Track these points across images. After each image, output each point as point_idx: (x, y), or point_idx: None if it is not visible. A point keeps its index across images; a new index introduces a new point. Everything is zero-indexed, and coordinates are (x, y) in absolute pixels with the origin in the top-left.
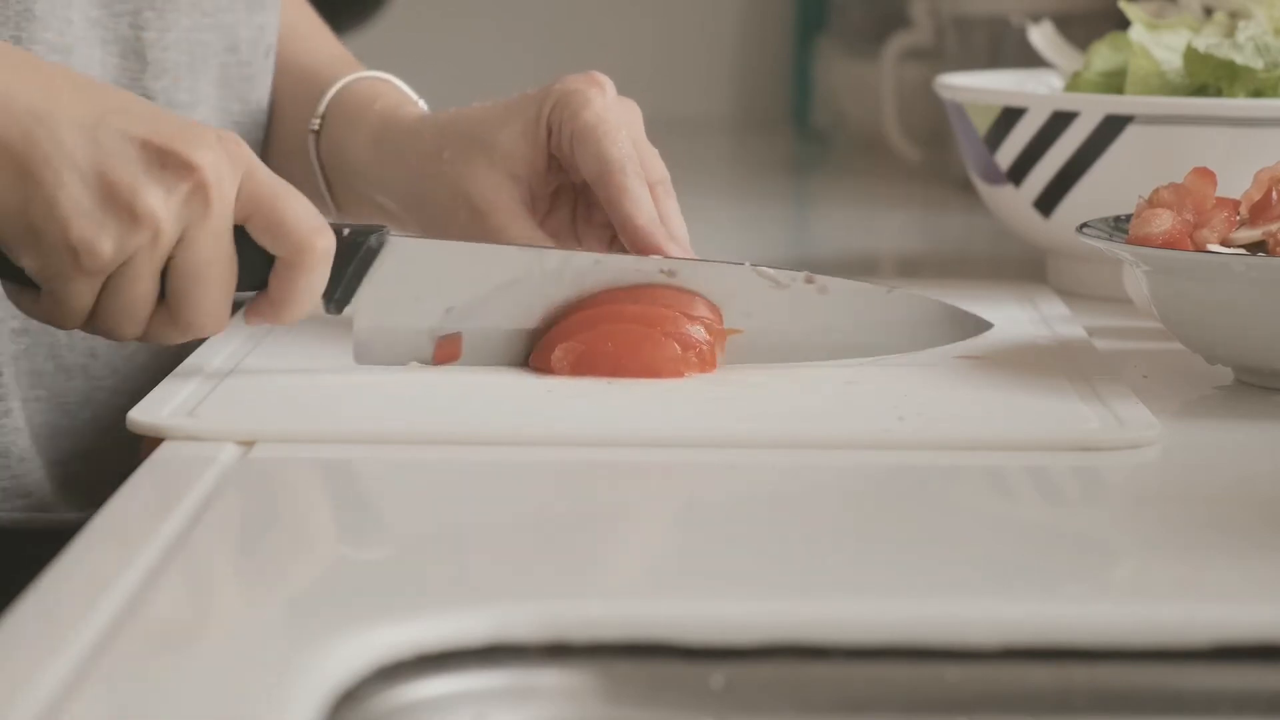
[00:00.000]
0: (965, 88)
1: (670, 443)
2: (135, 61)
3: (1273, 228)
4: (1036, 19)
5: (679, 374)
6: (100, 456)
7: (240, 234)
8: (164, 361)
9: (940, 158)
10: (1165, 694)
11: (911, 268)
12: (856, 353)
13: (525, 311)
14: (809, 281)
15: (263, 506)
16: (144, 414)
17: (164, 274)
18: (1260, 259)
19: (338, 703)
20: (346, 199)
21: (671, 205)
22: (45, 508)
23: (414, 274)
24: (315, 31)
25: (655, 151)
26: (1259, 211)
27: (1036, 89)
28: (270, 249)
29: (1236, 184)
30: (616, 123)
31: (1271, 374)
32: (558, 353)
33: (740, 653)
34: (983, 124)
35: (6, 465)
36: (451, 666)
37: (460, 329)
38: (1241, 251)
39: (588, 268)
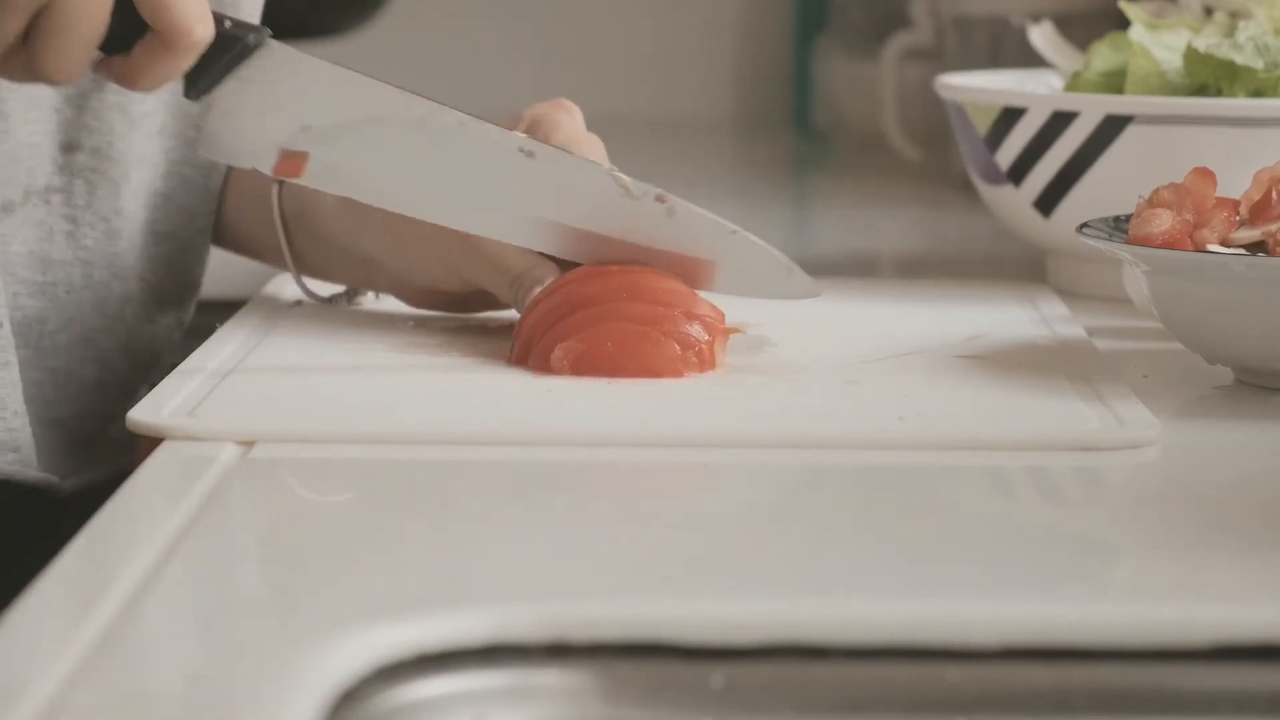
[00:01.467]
0: (965, 88)
1: (670, 443)
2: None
3: (1272, 228)
4: (1036, 19)
5: (679, 374)
6: (86, 421)
7: None
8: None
9: (940, 158)
10: (1165, 694)
11: (911, 268)
12: (690, 280)
13: (385, 153)
14: (660, 200)
15: (263, 506)
16: (144, 414)
17: (35, 16)
18: (1260, 259)
19: (338, 703)
20: (310, 250)
21: None
22: (30, 464)
23: (281, 82)
24: None
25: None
26: (1259, 211)
27: (1036, 89)
28: (148, 21)
29: (1236, 184)
30: (587, 143)
31: (1271, 374)
32: (558, 353)
33: (740, 653)
34: (983, 124)
35: (3, 418)
36: (451, 666)
37: (309, 150)
38: (1241, 251)
39: (450, 127)
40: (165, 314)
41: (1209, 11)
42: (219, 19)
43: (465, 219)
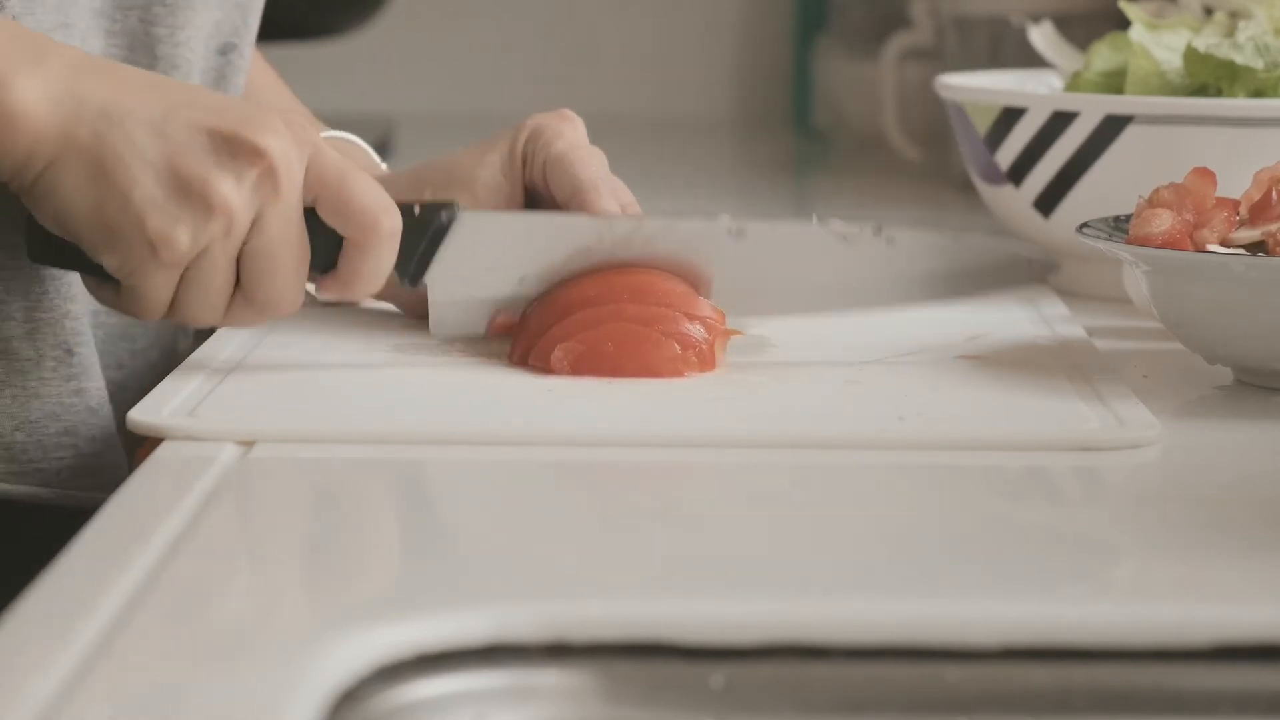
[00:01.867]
0: (965, 88)
1: (670, 443)
2: (144, 56)
3: (1272, 228)
4: (1036, 19)
5: (679, 374)
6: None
7: (310, 215)
8: (162, 357)
9: (940, 158)
10: (1165, 694)
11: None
12: (919, 297)
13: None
14: (876, 233)
15: (263, 506)
16: (144, 414)
17: (239, 259)
18: (1260, 259)
19: (338, 703)
20: None
21: None
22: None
23: (486, 245)
24: (276, 92)
25: (622, 183)
26: (1259, 211)
27: (1036, 89)
28: (337, 228)
29: (1236, 184)
30: (589, 151)
31: (1271, 374)
32: (558, 353)
33: (740, 653)
34: (983, 124)
35: (74, 444)
36: (451, 666)
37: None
38: (1241, 251)
39: (658, 232)
40: None
41: (1209, 11)
42: (408, 206)
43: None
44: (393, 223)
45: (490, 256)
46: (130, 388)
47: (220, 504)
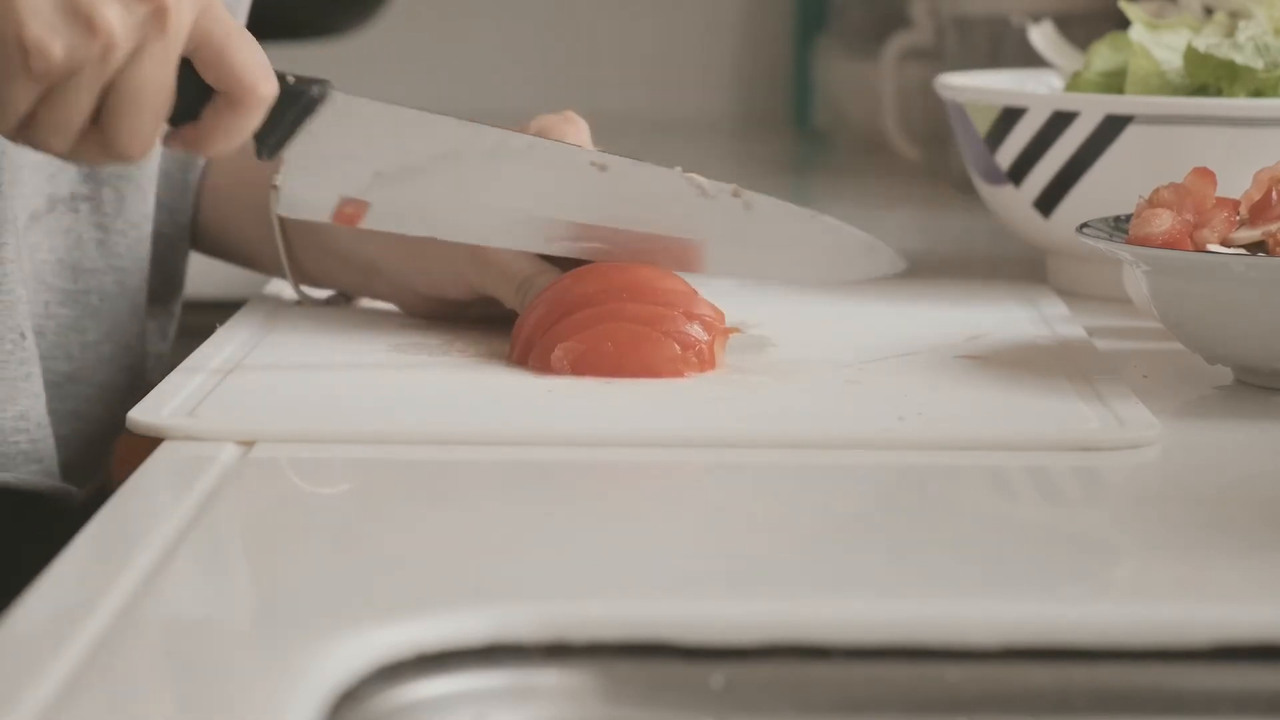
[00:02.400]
0: (965, 88)
1: (670, 443)
2: None
3: (1272, 228)
4: (1036, 19)
5: (679, 374)
6: (118, 427)
7: (184, 66)
8: (117, 352)
9: (940, 158)
10: (1165, 694)
11: (911, 268)
12: (774, 276)
13: (460, 186)
14: (735, 195)
15: (263, 506)
16: (144, 414)
17: (103, 93)
18: (1260, 259)
19: (338, 703)
20: (309, 257)
21: None
22: (52, 474)
23: (350, 131)
24: None
25: None
26: (1259, 211)
27: (1036, 89)
28: (213, 83)
29: (1236, 184)
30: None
31: (1271, 374)
32: (558, 352)
33: (740, 653)
34: (983, 124)
35: (26, 429)
36: (451, 666)
37: (376, 196)
38: (1241, 251)
39: (522, 150)
40: (156, 315)
41: (1209, 11)
42: (281, 75)
43: (543, 241)
44: (269, 89)
45: (352, 144)
46: (81, 380)
47: (220, 504)
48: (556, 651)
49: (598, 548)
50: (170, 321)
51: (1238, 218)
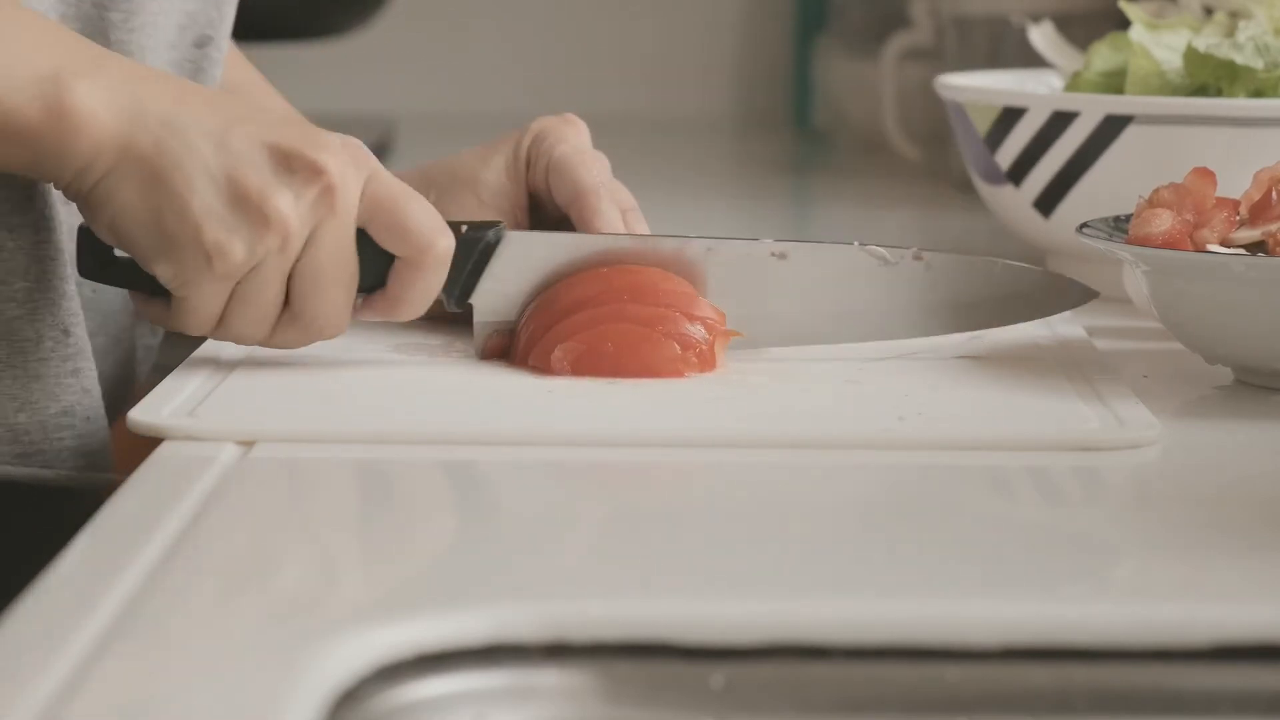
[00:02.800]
0: (965, 88)
1: (670, 443)
2: (98, 40)
3: (1272, 228)
4: (1036, 19)
5: (679, 374)
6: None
7: (362, 236)
8: (110, 344)
9: (940, 158)
10: (1165, 694)
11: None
12: (964, 325)
13: None
14: (917, 258)
15: (263, 506)
16: (144, 414)
17: (289, 277)
18: (1260, 259)
19: (338, 703)
20: None
21: (642, 229)
22: (104, 468)
23: (531, 266)
24: (263, 92)
25: (623, 187)
26: (1259, 211)
27: (1036, 89)
28: (392, 250)
29: (1236, 184)
30: (591, 155)
31: (1271, 374)
32: (557, 353)
33: (740, 653)
34: (983, 124)
35: (72, 425)
36: (451, 666)
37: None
38: (1241, 251)
39: (701, 253)
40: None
41: (1209, 11)
42: (455, 226)
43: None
44: (447, 244)
45: (536, 277)
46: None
47: (220, 504)
48: (556, 651)
49: (598, 548)
50: None
51: (1238, 218)
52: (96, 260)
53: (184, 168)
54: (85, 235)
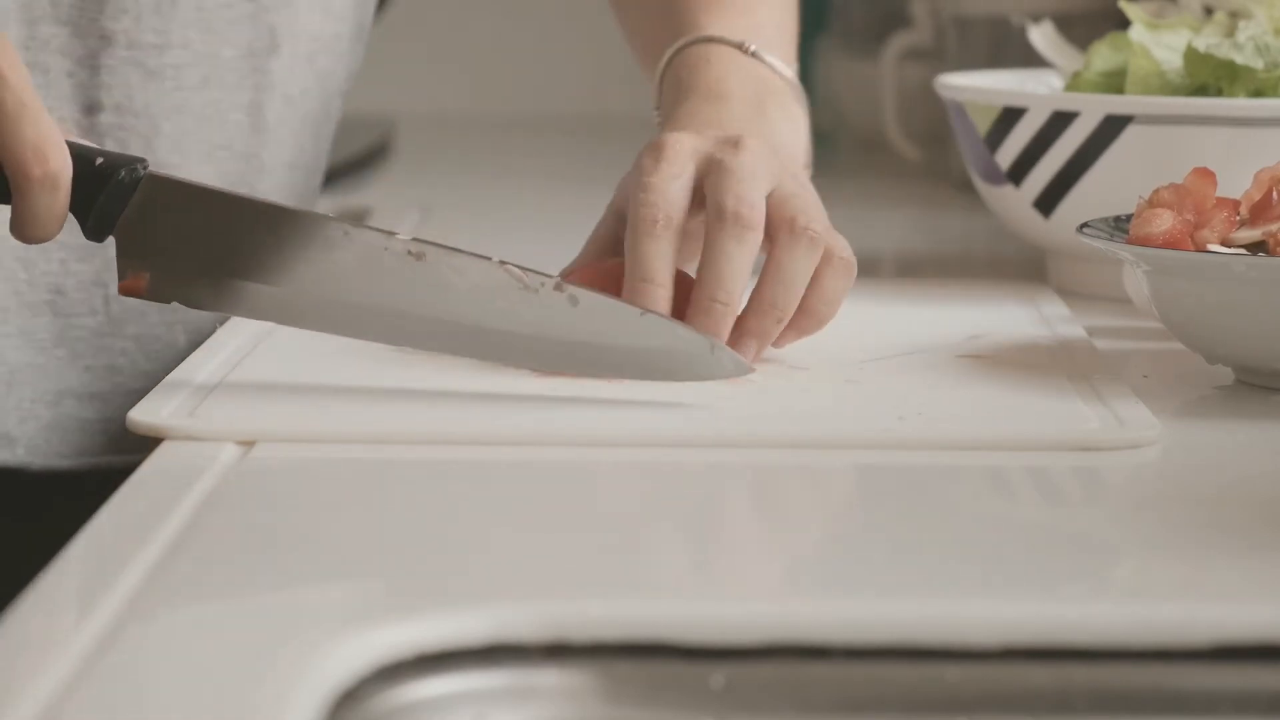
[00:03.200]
0: (965, 88)
1: (670, 443)
2: (93, 3)
3: (1273, 228)
4: (1036, 19)
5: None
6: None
7: None
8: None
9: (940, 158)
10: (1165, 694)
11: (911, 268)
12: (604, 373)
13: (274, 269)
14: (558, 289)
15: (263, 506)
16: (144, 414)
17: None
18: (1260, 259)
19: (338, 703)
20: None
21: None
22: (37, 453)
23: (171, 213)
24: None
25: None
26: (1259, 211)
27: (1036, 89)
28: (4, 166)
29: (1236, 184)
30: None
31: (1271, 374)
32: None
33: (740, 653)
34: (983, 124)
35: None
36: (451, 666)
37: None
38: (1242, 251)
39: (337, 239)
40: None
41: (1209, 11)
42: (90, 157)
43: (358, 328)
44: (43, 170)
45: (176, 224)
46: (111, 333)
47: (220, 504)
48: (556, 651)
49: (598, 548)
50: None
51: (1238, 218)
52: None
53: None
54: None
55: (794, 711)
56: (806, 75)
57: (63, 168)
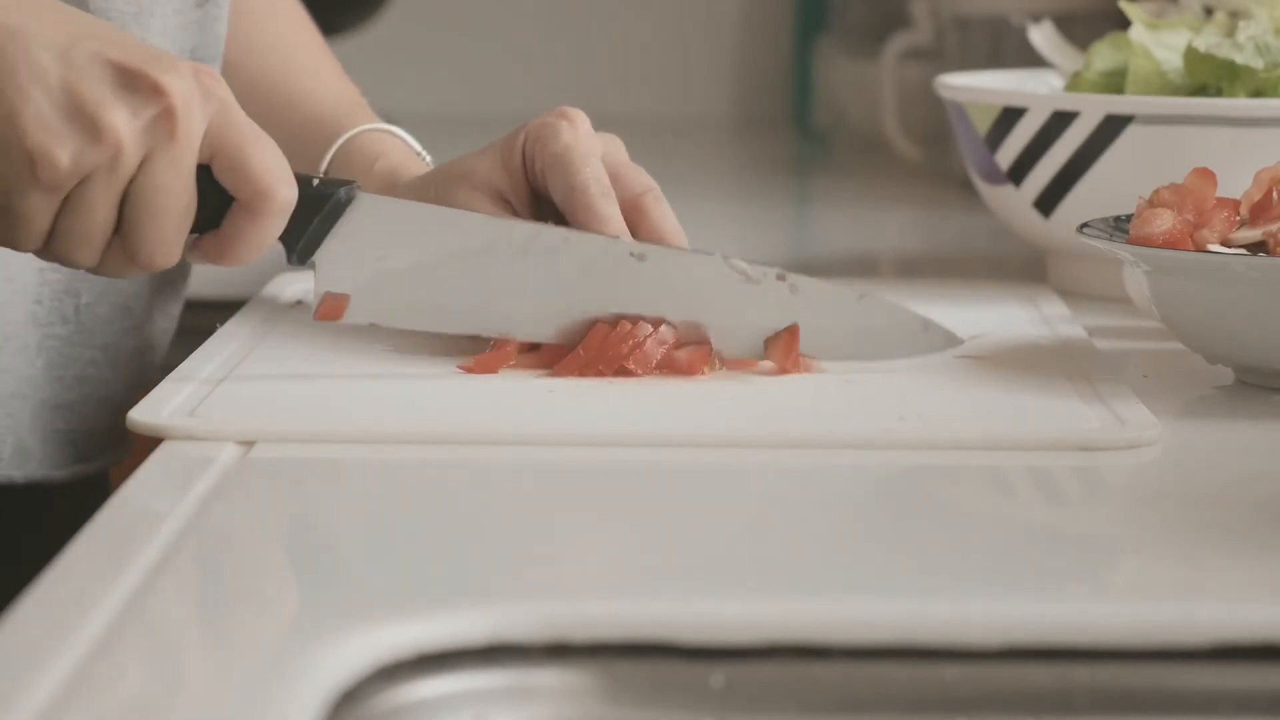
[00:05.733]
0: (965, 88)
1: (670, 443)
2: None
3: (1273, 228)
4: (1036, 19)
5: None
6: (132, 395)
7: (204, 174)
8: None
9: (940, 158)
10: (1165, 694)
11: (911, 268)
12: (823, 355)
13: (487, 281)
14: (780, 279)
15: (263, 506)
16: (144, 414)
17: (122, 202)
18: (1260, 259)
19: (338, 703)
20: None
21: (662, 211)
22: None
23: (382, 232)
24: (320, 63)
25: (640, 169)
26: (1259, 211)
27: (1036, 89)
28: (231, 190)
29: (1236, 184)
30: (585, 151)
31: (1271, 374)
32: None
33: (740, 653)
34: (983, 124)
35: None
36: (451, 666)
37: (405, 292)
38: (1242, 251)
39: (557, 244)
40: (176, 268)
41: (1209, 11)
42: (306, 179)
43: (584, 332)
44: (288, 194)
45: (385, 244)
46: (80, 343)
47: (220, 504)
48: (556, 651)
49: (598, 548)
50: (186, 272)
51: (1238, 218)
52: None
53: (19, 75)
54: None
55: (794, 711)
56: (806, 75)
57: (295, 194)
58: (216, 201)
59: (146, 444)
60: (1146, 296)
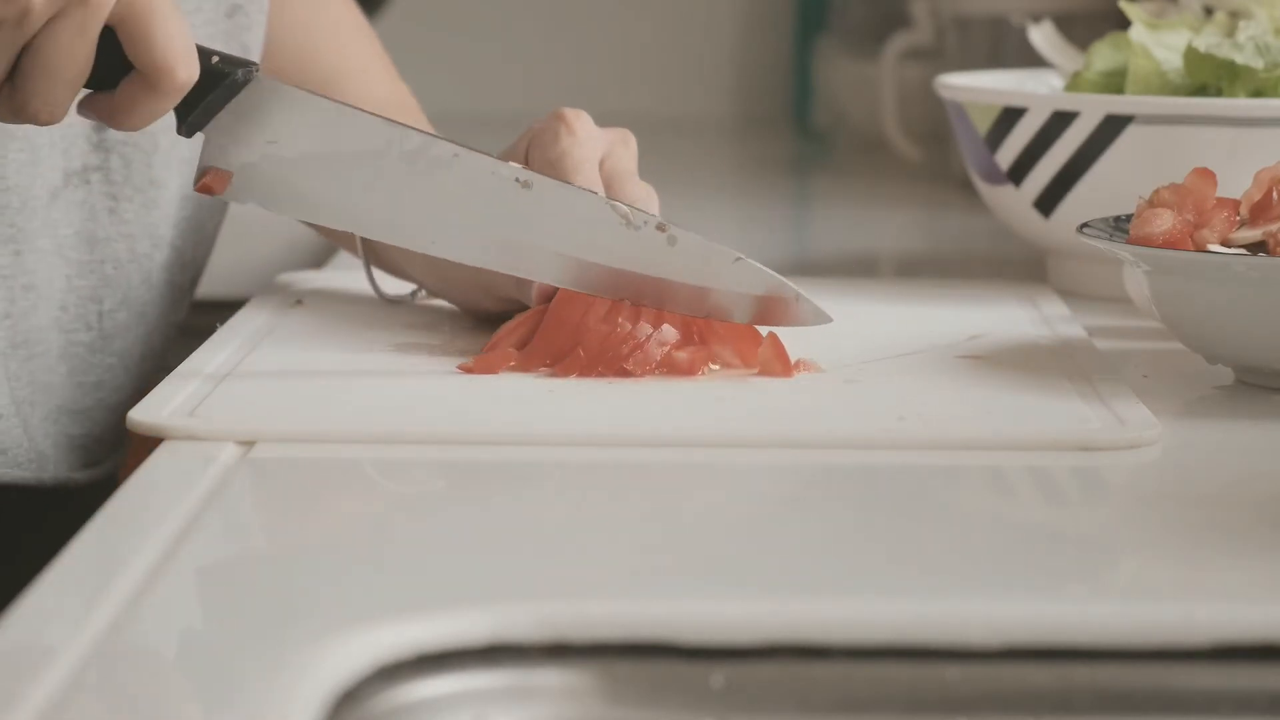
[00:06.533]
0: (965, 88)
1: (670, 443)
2: None
3: (1273, 228)
4: (1036, 19)
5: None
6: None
7: (108, 33)
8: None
9: (940, 158)
10: (1165, 694)
11: (911, 268)
12: (696, 311)
13: (373, 184)
14: (660, 229)
15: (263, 506)
16: (144, 414)
17: (19, 56)
18: (1260, 259)
19: (338, 703)
20: (386, 264)
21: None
22: (17, 464)
23: (273, 116)
24: (368, 65)
25: (637, 177)
26: (1259, 211)
27: (1037, 89)
28: (132, 60)
29: (1236, 184)
30: (579, 158)
31: (1271, 374)
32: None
33: (740, 653)
34: (983, 124)
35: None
36: (451, 666)
37: (290, 179)
38: (1242, 251)
39: (445, 159)
40: (185, 274)
41: (1209, 11)
42: (206, 55)
43: (462, 250)
44: (187, 74)
45: (274, 129)
46: (100, 349)
47: (220, 504)
48: (556, 651)
49: (598, 548)
50: (197, 278)
51: (1238, 218)
52: None
53: None
54: None
55: (794, 711)
56: (806, 75)
57: (194, 74)
58: (112, 65)
59: (147, 444)
60: (1146, 296)
